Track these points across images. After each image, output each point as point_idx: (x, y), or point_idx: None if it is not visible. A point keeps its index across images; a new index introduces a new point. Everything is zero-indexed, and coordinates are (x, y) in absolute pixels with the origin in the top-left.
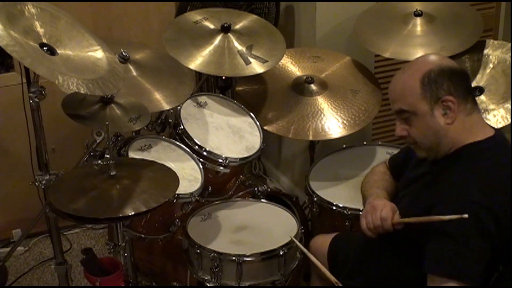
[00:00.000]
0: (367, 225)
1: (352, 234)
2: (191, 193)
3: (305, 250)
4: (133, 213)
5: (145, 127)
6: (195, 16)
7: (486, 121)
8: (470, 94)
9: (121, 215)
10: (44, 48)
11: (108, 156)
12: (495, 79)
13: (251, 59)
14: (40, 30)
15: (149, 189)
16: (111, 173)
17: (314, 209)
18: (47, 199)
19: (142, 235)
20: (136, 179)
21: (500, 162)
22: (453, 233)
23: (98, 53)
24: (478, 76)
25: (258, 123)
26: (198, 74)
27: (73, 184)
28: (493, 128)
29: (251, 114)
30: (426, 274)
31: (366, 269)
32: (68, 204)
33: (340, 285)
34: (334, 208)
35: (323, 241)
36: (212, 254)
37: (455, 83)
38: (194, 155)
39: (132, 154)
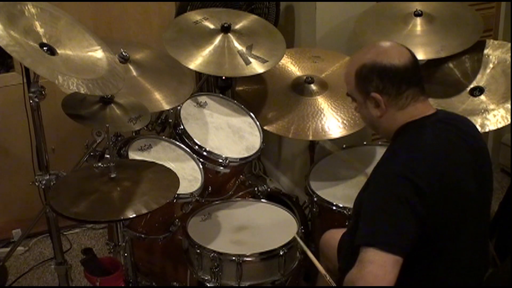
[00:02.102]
0: None
1: None
2: (191, 193)
3: (306, 249)
4: (134, 215)
5: (145, 127)
6: (195, 16)
7: (486, 121)
8: (409, 88)
9: (122, 218)
10: (44, 48)
11: (108, 156)
12: (495, 79)
13: (251, 59)
14: (40, 30)
15: (149, 190)
16: (112, 176)
17: (314, 209)
18: (47, 199)
19: (142, 235)
20: (136, 180)
21: (429, 136)
22: (371, 204)
23: (98, 53)
24: (478, 76)
25: (258, 123)
26: (198, 74)
27: (74, 187)
28: (436, 109)
29: (251, 114)
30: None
31: None
32: (69, 207)
33: (334, 285)
34: (334, 208)
35: (334, 235)
36: (212, 254)
37: (385, 81)
38: (194, 155)
39: (132, 154)
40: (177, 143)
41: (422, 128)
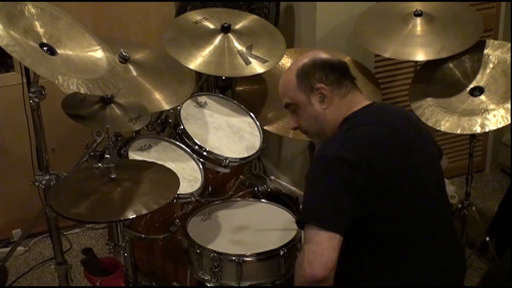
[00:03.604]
0: None
1: None
2: (191, 193)
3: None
4: (134, 216)
5: (145, 127)
6: (195, 16)
7: (486, 121)
8: (346, 79)
9: (122, 218)
10: (44, 48)
11: (108, 156)
12: (495, 79)
13: (251, 59)
14: (40, 30)
15: (150, 191)
16: (112, 176)
17: None
18: (47, 199)
19: (142, 235)
20: (136, 181)
21: (364, 122)
22: (308, 186)
23: (98, 53)
24: (478, 76)
25: (258, 123)
26: (198, 74)
27: (74, 188)
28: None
29: (251, 114)
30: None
31: None
32: (70, 208)
33: None
34: None
35: None
36: (212, 254)
37: (326, 72)
38: (194, 155)
39: (132, 154)
40: (177, 143)
41: (357, 118)
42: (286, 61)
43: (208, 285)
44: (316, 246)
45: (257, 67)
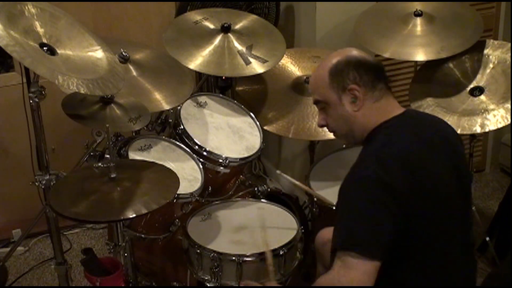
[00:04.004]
0: None
1: None
2: (191, 193)
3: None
4: (134, 215)
5: (145, 127)
6: (195, 16)
7: (486, 121)
8: (380, 81)
9: (122, 218)
10: (44, 48)
11: (108, 156)
12: (495, 79)
13: (251, 59)
14: (40, 30)
15: (149, 190)
16: (112, 176)
17: (314, 209)
18: (47, 199)
19: (142, 235)
20: (136, 181)
21: (400, 137)
22: (347, 208)
23: (98, 53)
24: (478, 76)
25: (258, 123)
26: (198, 74)
27: (74, 187)
28: (407, 107)
29: (251, 114)
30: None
31: None
32: (70, 207)
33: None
34: (334, 208)
35: (329, 233)
36: (212, 254)
37: (361, 73)
38: (194, 155)
39: (132, 154)
40: (177, 143)
41: (392, 129)
42: (286, 61)
43: (208, 285)
44: (363, 275)
45: (257, 67)
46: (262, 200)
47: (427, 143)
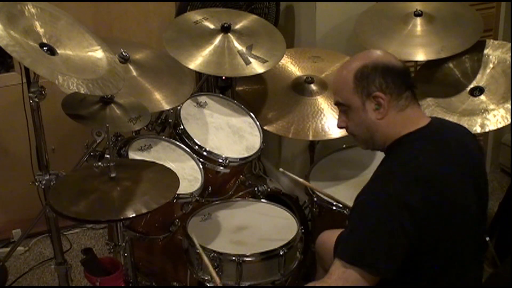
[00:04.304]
0: None
1: None
2: (191, 193)
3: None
4: (134, 215)
5: (145, 127)
6: (195, 16)
7: (486, 121)
8: (407, 90)
9: (122, 218)
10: (44, 48)
11: (108, 156)
12: (495, 79)
13: (251, 59)
14: (40, 30)
15: (149, 190)
16: (112, 175)
17: (314, 209)
18: (47, 199)
19: (142, 235)
20: (136, 180)
21: (424, 152)
22: (363, 221)
23: (98, 53)
24: (478, 76)
25: (258, 123)
26: (198, 74)
27: (74, 187)
28: (431, 117)
29: (251, 114)
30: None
31: None
32: (69, 206)
33: None
34: (334, 208)
35: (329, 236)
36: (212, 254)
37: (387, 80)
38: (194, 155)
39: (132, 154)
40: (177, 143)
41: (418, 143)
42: (286, 61)
43: (208, 285)
44: None
45: (257, 67)
46: (262, 200)
47: (450, 160)
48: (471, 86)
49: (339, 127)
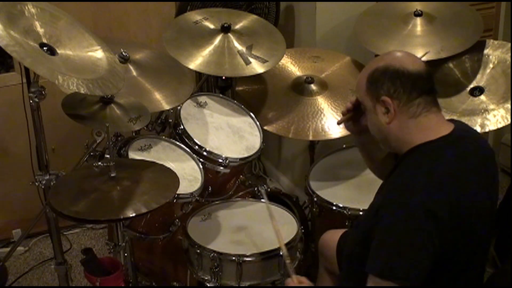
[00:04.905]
0: None
1: None
2: (191, 193)
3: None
4: (134, 214)
5: (145, 127)
6: (195, 16)
7: (486, 121)
8: (420, 96)
9: (122, 217)
10: (44, 48)
11: (108, 156)
12: (495, 79)
13: (251, 59)
14: (40, 30)
15: (149, 190)
16: (111, 175)
17: (314, 209)
18: (47, 199)
19: (142, 235)
20: (136, 180)
21: (447, 161)
22: (391, 234)
23: (98, 53)
24: (478, 76)
25: (258, 123)
26: (198, 74)
27: (74, 186)
28: (454, 124)
29: (251, 114)
30: None
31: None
32: (69, 206)
33: (288, 261)
34: (334, 208)
35: (332, 236)
36: (212, 254)
37: (396, 85)
38: (194, 155)
39: (132, 154)
40: (177, 143)
41: (442, 152)
42: (286, 61)
43: (208, 285)
44: None
45: (257, 67)
46: (262, 200)
47: (471, 169)
48: (471, 86)
49: (339, 123)
